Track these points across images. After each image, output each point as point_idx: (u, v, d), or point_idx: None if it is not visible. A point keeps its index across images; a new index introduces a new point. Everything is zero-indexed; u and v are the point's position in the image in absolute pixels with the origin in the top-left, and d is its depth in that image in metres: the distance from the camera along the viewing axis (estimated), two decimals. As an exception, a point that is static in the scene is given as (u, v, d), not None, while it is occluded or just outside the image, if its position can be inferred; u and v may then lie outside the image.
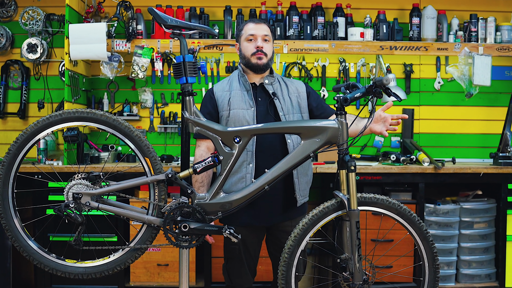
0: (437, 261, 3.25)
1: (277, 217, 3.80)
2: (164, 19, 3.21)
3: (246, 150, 3.69)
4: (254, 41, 3.79)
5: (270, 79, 3.87)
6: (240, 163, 3.69)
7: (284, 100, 3.83)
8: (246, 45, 3.81)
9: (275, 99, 3.79)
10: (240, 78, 3.86)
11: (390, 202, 3.21)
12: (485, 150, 5.72)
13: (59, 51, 5.69)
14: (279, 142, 3.75)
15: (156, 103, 5.78)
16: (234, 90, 3.81)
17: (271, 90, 3.83)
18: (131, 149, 3.22)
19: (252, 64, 3.79)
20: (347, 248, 3.17)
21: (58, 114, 3.17)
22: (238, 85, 3.83)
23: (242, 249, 3.81)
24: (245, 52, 3.81)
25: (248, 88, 3.81)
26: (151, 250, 4.93)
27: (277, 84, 3.89)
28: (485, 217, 5.13)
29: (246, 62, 3.81)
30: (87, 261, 3.29)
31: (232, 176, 3.70)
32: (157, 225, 3.23)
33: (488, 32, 5.52)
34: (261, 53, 3.77)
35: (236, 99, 3.77)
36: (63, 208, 3.14)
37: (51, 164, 4.96)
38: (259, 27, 3.81)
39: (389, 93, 3.11)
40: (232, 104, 3.75)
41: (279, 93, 3.84)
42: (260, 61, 3.77)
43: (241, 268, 3.84)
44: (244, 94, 3.79)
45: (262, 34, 3.79)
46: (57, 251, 3.40)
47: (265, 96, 3.82)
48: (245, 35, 3.81)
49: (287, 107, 3.81)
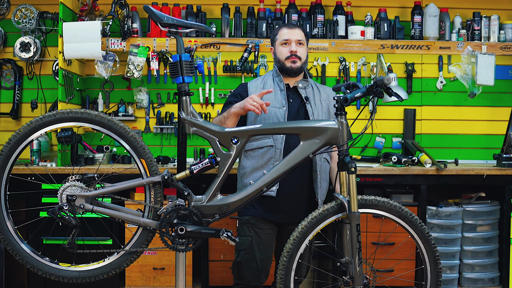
0: (439, 264, 3.26)
1: (293, 216, 3.85)
2: (160, 17, 3.22)
3: (275, 148, 3.83)
4: (288, 45, 3.98)
5: (304, 83, 4.03)
6: (267, 159, 3.83)
7: (316, 105, 3.97)
8: (280, 49, 4.00)
9: (307, 103, 3.94)
10: (275, 78, 4.03)
11: (391, 204, 3.22)
12: (489, 151, 5.72)
13: (52, 50, 5.68)
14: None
15: (152, 103, 5.78)
16: (268, 87, 3.94)
17: (304, 94, 3.98)
18: (127, 150, 3.23)
19: (287, 68, 3.96)
20: (348, 251, 3.18)
21: (51, 114, 3.18)
22: (272, 84, 4.00)
23: (255, 241, 3.88)
24: (279, 56, 3.99)
25: (282, 88, 3.97)
26: (146, 253, 4.93)
27: (310, 89, 4.04)
28: (488, 219, 5.13)
29: (280, 66, 3.99)
30: (81, 264, 3.29)
31: (258, 171, 3.83)
32: (153, 228, 3.24)
33: (492, 31, 5.53)
34: (295, 57, 3.95)
35: (270, 97, 3.90)
36: (57, 210, 3.15)
37: (44, 165, 4.96)
38: (293, 32, 4.00)
39: (390, 93, 3.12)
40: (265, 101, 3.79)
41: (311, 97, 3.99)
42: (294, 65, 3.95)
43: (253, 262, 3.87)
44: (277, 93, 3.95)
45: (296, 38, 3.98)
46: (51, 254, 3.40)
47: (297, 98, 3.97)
48: (279, 40, 4.01)
49: (317, 112, 3.95)
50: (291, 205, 3.86)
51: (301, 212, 3.86)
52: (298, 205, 3.88)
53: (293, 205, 3.87)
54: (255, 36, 5.44)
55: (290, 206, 3.86)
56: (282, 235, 4.00)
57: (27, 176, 4.56)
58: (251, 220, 3.87)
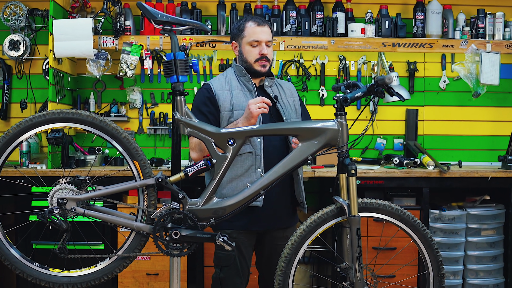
0: (442, 270, 3.26)
1: (276, 222, 3.81)
2: (154, 14, 3.21)
3: (255, 154, 3.74)
4: (258, 46, 3.82)
5: (271, 82, 3.93)
6: (247, 167, 3.73)
7: (284, 103, 3.90)
8: (249, 49, 3.84)
9: (277, 103, 3.85)
10: (240, 78, 3.89)
11: (393, 208, 3.23)
12: (493, 153, 5.73)
13: (42, 48, 5.68)
14: (286, 145, 3.78)
15: (146, 103, 5.79)
16: (235, 90, 3.84)
17: (271, 93, 3.89)
18: (119, 152, 3.23)
19: (255, 71, 3.84)
20: (348, 256, 3.18)
21: (41, 114, 3.18)
22: (239, 85, 3.87)
23: (237, 256, 3.81)
24: (247, 57, 3.84)
25: (251, 89, 3.85)
26: (140, 258, 4.93)
27: (275, 87, 3.96)
28: (493, 223, 5.14)
29: (247, 67, 3.85)
30: (72, 270, 3.29)
31: (237, 180, 3.73)
32: (147, 232, 3.24)
33: (497, 28, 5.54)
34: (266, 61, 3.82)
35: (239, 100, 3.80)
36: (47, 214, 3.15)
37: (34, 167, 4.96)
38: (263, 30, 3.84)
39: (391, 92, 3.13)
40: (236, 104, 3.77)
41: (279, 96, 3.90)
42: (264, 69, 3.83)
43: (236, 277, 3.83)
44: (246, 95, 3.83)
45: (266, 39, 3.83)
46: (41, 259, 3.41)
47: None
48: (248, 38, 3.84)
49: (288, 111, 3.88)
50: (276, 211, 3.80)
51: (284, 216, 3.87)
52: (282, 209, 3.84)
53: (278, 210, 3.81)
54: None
55: (274, 212, 3.80)
56: (262, 243, 3.92)
57: (16, 179, 4.55)
58: (233, 234, 3.74)
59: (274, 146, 3.75)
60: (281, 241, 3.66)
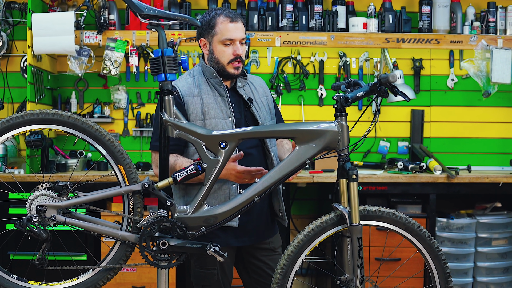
0: (450, 283, 3.27)
1: (257, 237, 3.79)
2: (140, 8, 3.21)
3: None
4: (232, 45, 3.69)
5: (243, 82, 3.82)
6: (221, 182, 3.64)
7: (259, 105, 3.81)
8: (221, 49, 3.69)
9: (252, 105, 3.76)
10: (211, 80, 3.74)
11: (397, 215, 3.23)
12: (505, 157, 5.75)
13: (20, 44, 5.68)
14: (263, 155, 3.75)
15: (131, 103, 5.79)
16: (206, 95, 3.71)
17: (245, 94, 3.78)
18: (103, 156, 3.23)
19: (228, 73, 3.70)
20: (348, 268, 3.19)
21: (19, 115, 3.18)
22: (209, 89, 3.73)
23: (219, 273, 3.76)
24: (220, 57, 3.70)
25: (223, 93, 3.71)
26: (125, 270, 4.93)
27: (247, 87, 3.85)
28: (504, 232, 5.16)
29: (219, 69, 3.71)
30: (52, 283, 3.28)
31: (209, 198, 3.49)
32: (132, 242, 3.24)
33: (508, 23, 5.55)
34: (239, 61, 3.69)
35: (211, 107, 3.68)
36: (25, 222, 3.14)
37: (11, 172, 4.96)
38: (237, 27, 3.72)
39: (395, 92, 3.13)
40: (208, 112, 3.67)
41: (253, 97, 3.80)
42: (237, 71, 3.71)
43: None
44: (218, 101, 3.71)
45: (241, 37, 3.72)
46: (19, 271, 3.40)
47: (239, 102, 3.78)
48: (220, 36, 3.70)
49: (263, 114, 3.80)
50: (254, 225, 3.74)
51: (263, 230, 3.81)
52: (261, 222, 3.79)
53: (257, 224, 3.75)
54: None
55: (253, 226, 3.73)
56: (244, 259, 3.86)
57: (-8, 185, 4.56)
58: None
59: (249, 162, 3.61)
60: (265, 252, 3.72)
